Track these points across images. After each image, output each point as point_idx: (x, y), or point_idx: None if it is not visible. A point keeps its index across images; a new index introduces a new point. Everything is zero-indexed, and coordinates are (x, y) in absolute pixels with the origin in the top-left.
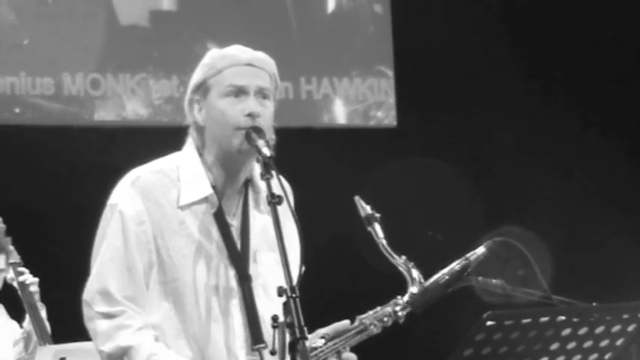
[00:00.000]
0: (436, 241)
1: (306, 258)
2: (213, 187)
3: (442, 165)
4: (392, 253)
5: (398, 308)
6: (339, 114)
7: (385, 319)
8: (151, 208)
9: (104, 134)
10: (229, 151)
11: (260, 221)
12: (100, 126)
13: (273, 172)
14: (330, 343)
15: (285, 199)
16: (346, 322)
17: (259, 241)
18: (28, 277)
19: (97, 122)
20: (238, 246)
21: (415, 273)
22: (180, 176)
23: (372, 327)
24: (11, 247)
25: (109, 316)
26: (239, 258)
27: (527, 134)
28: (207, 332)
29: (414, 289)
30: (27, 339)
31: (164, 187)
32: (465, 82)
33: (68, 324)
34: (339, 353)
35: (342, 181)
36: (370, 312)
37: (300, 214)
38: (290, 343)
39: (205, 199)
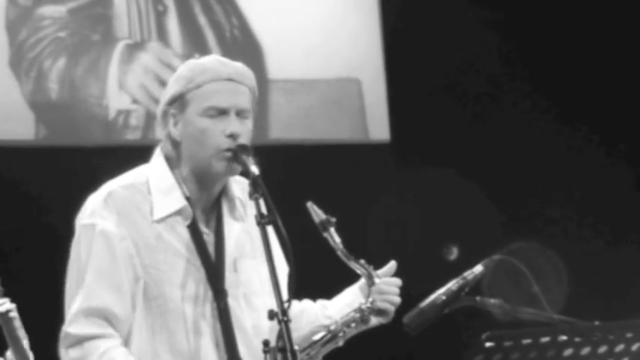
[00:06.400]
0: (449, 259)
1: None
2: (187, 198)
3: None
4: (350, 257)
5: (364, 314)
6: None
7: (353, 324)
8: (128, 224)
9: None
10: (209, 171)
11: (235, 229)
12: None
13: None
14: (303, 354)
15: (274, 219)
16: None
17: (238, 250)
18: (9, 306)
19: None
20: (213, 258)
21: (376, 277)
22: (152, 189)
23: (340, 334)
24: None
25: (92, 338)
26: (214, 272)
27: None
28: (197, 347)
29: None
30: None
31: (137, 201)
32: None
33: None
34: None
35: (340, 198)
36: (338, 319)
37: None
38: None
39: (179, 212)
